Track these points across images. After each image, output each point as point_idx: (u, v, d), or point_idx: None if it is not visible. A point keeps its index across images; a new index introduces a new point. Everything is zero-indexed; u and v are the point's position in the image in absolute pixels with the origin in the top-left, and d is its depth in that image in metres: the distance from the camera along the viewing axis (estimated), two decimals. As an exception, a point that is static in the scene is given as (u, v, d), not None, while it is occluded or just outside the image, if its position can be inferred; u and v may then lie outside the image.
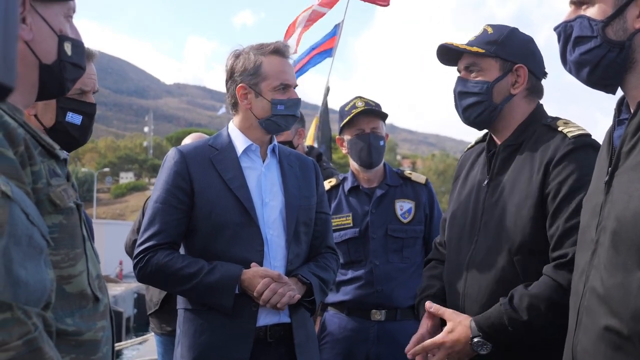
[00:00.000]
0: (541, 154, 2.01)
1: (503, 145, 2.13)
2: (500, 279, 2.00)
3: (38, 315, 1.02)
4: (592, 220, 1.48)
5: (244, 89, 2.45)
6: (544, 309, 1.86)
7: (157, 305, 3.94)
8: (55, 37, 1.35)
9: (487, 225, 2.08)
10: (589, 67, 1.50)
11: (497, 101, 2.12)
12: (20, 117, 1.26)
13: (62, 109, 2.02)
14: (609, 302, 1.36)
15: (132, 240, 4.23)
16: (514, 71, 2.12)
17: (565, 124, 2.06)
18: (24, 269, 0.99)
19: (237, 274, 2.28)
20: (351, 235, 3.20)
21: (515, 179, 2.05)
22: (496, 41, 2.12)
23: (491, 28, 2.18)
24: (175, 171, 2.39)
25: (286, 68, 2.46)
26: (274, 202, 2.43)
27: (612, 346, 1.35)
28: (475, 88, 2.12)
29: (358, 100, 3.28)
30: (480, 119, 2.14)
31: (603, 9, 1.47)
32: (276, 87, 2.42)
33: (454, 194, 2.33)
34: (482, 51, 2.11)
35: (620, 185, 1.40)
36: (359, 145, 3.21)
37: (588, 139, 1.99)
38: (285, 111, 2.43)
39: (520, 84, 2.12)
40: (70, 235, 1.28)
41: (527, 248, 1.97)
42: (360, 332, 3.13)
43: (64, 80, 1.40)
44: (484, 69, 2.13)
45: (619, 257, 1.35)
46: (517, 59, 2.12)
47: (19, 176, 1.12)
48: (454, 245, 2.23)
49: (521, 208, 1.99)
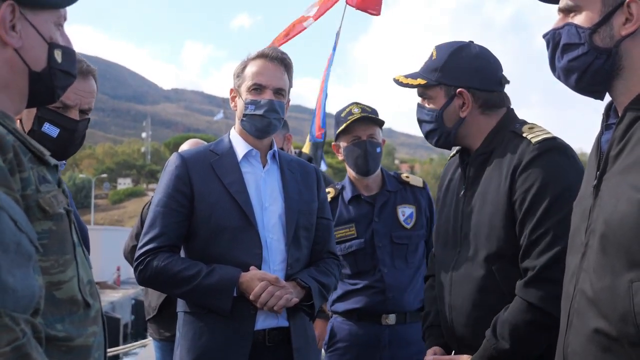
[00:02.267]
0: (508, 161, 2.01)
1: (474, 155, 2.13)
2: (482, 289, 2.01)
3: (26, 322, 1.02)
4: (582, 224, 1.49)
5: (232, 92, 2.53)
6: (524, 333, 1.87)
7: (155, 311, 3.95)
8: (45, 45, 1.35)
9: (467, 236, 2.09)
10: (577, 74, 1.51)
11: (450, 126, 2.13)
12: (10, 123, 1.26)
13: (39, 118, 2.01)
14: (598, 304, 1.37)
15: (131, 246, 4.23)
16: (459, 95, 2.11)
17: (530, 129, 2.04)
18: (12, 276, 0.99)
19: (235, 277, 2.29)
20: (357, 246, 3.18)
21: (487, 188, 2.05)
22: (437, 68, 2.13)
23: (436, 51, 2.17)
24: (176, 175, 2.41)
25: (264, 70, 2.46)
26: (273, 207, 2.45)
27: (601, 348, 1.36)
28: (428, 116, 2.17)
29: (354, 106, 3.26)
30: (440, 143, 2.19)
31: (590, 16, 1.49)
32: (250, 87, 2.45)
33: (438, 203, 2.34)
34: (424, 82, 2.14)
35: (608, 189, 1.41)
36: (355, 152, 3.19)
37: (551, 142, 1.97)
38: (255, 111, 2.43)
39: (467, 106, 2.11)
40: (60, 242, 1.28)
41: (504, 256, 1.97)
42: (372, 337, 3.13)
43: (54, 88, 1.40)
44: (432, 97, 2.15)
45: (607, 260, 1.36)
46: (459, 82, 2.11)
47: (7, 183, 1.12)
48: (440, 256, 2.24)
49: (493, 217, 1.99)
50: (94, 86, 2.15)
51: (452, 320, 2.10)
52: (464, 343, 2.07)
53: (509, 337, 1.88)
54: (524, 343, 1.88)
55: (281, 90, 2.47)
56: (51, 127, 2.02)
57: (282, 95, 2.48)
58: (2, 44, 1.27)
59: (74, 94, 2.03)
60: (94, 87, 2.15)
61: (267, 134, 2.48)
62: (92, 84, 2.13)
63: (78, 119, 2.08)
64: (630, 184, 1.34)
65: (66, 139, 2.05)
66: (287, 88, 2.51)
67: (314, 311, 2.44)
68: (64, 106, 2.04)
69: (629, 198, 1.32)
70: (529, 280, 1.87)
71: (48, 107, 2.00)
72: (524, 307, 1.87)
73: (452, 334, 2.12)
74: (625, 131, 1.42)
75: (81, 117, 2.10)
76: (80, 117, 2.09)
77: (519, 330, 1.87)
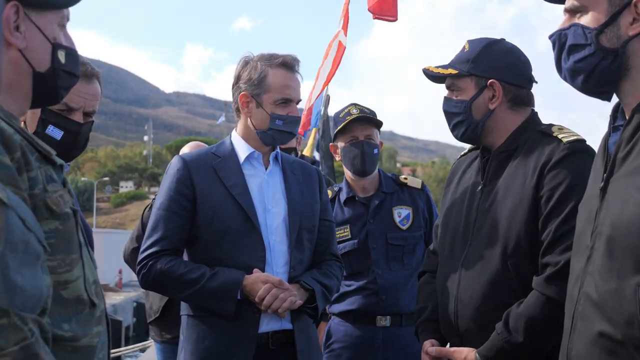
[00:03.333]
0: (536, 158, 2.02)
1: (497, 151, 2.14)
2: (494, 282, 2.01)
3: (34, 321, 1.02)
4: (588, 226, 1.48)
5: (246, 97, 2.46)
6: (540, 327, 1.88)
7: (157, 313, 3.94)
8: (49, 45, 1.35)
9: (480, 229, 2.09)
10: (584, 75, 1.50)
11: (478, 118, 2.14)
12: (16, 123, 1.26)
13: (43, 120, 2.00)
14: (604, 307, 1.36)
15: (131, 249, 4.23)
16: (489, 86, 2.13)
17: (560, 129, 2.07)
18: (21, 275, 0.99)
19: (239, 280, 2.29)
20: (350, 247, 3.17)
21: (509, 183, 2.06)
22: (469, 59, 2.15)
23: (468, 45, 2.20)
24: (177, 178, 2.40)
25: (290, 82, 2.44)
26: (276, 209, 2.44)
27: (606, 351, 1.36)
28: (456, 108, 2.17)
29: (353, 107, 3.26)
30: (466, 136, 2.18)
31: (596, 16, 1.48)
32: (277, 100, 2.42)
33: (445, 200, 2.34)
34: (455, 72, 2.15)
35: (615, 191, 1.40)
36: (352, 152, 3.19)
37: (583, 145, 2.00)
38: (283, 127, 2.43)
39: (497, 98, 2.13)
40: (67, 241, 1.28)
41: (522, 251, 1.97)
42: (367, 338, 3.12)
43: (58, 88, 1.40)
44: (461, 88, 2.16)
45: (613, 263, 1.35)
46: (491, 74, 2.13)
47: (15, 182, 1.12)
48: (447, 251, 2.23)
49: (515, 212, 2.00)
50: (98, 89, 2.14)
51: (456, 313, 2.10)
52: (468, 337, 2.07)
53: (524, 331, 1.89)
54: (538, 337, 1.88)
55: (300, 102, 2.50)
56: (55, 130, 2.01)
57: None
58: (7, 45, 1.27)
59: (78, 96, 2.02)
60: (99, 89, 2.14)
61: (282, 144, 2.50)
62: (96, 87, 2.12)
63: (82, 121, 2.07)
64: (638, 187, 1.33)
65: (70, 141, 2.04)
66: None
67: (318, 314, 2.44)
68: (68, 109, 2.03)
69: (636, 201, 1.32)
70: (550, 276, 1.88)
71: (52, 110, 1.99)
72: (541, 302, 1.87)
73: (455, 328, 2.12)
74: (633, 133, 1.41)
75: (85, 120, 2.09)
76: (84, 119, 2.08)
77: (535, 324, 1.88)
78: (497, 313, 1.97)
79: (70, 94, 1.97)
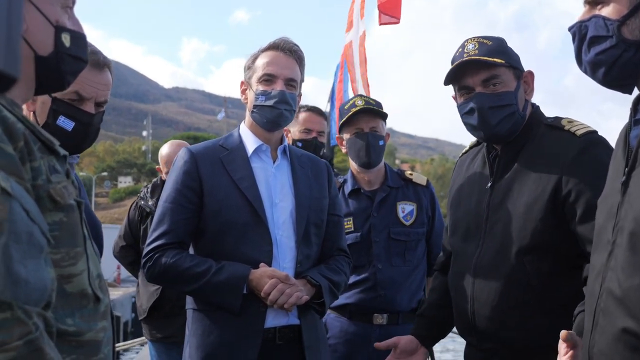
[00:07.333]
0: (550, 153, 1.99)
1: (506, 147, 2.11)
2: (511, 280, 1.98)
3: (39, 315, 0.98)
4: (609, 221, 1.45)
5: (243, 84, 2.49)
6: None
7: (145, 313, 3.95)
8: (52, 28, 1.30)
9: (493, 227, 2.06)
10: (605, 67, 1.47)
11: (521, 109, 2.10)
12: (19, 111, 1.21)
13: (54, 111, 1.95)
14: (627, 303, 1.33)
15: (120, 246, 4.21)
16: (523, 77, 2.11)
17: (570, 122, 2.04)
18: (24, 267, 0.95)
19: (245, 274, 2.25)
20: (352, 240, 3.14)
21: (522, 179, 2.02)
22: (501, 51, 2.09)
23: (487, 40, 2.13)
24: (184, 171, 2.37)
25: (275, 60, 2.41)
26: (284, 203, 2.40)
27: (629, 348, 1.33)
28: (505, 100, 2.06)
29: (358, 99, 3.24)
30: (512, 130, 2.08)
31: (618, 8, 1.45)
32: (260, 77, 2.41)
33: (452, 199, 2.30)
34: (501, 61, 2.06)
35: (637, 185, 1.37)
36: (357, 144, 3.16)
37: (596, 136, 1.98)
38: (266, 102, 2.39)
39: (530, 89, 2.11)
40: (71, 234, 1.23)
41: (539, 248, 1.94)
42: (362, 336, 3.09)
43: (63, 73, 1.35)
44: (502, 80, 2.08)
45: (636, 258, 1.32)
46: (519, 65, 2.12)
47: (18, 172, 1.07)
48: (459, 251, 2.20)
49: (531, 208, 1.96)
50: (109, 79, 2.09)
51: (473, 312, 2.06)
52: (486, 336, 2.04)
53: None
54: None
55: (292, 81, 2.43)
56: (66, 121, 1.96)
57: (293, 86, 2.43)
58: None
59: (90, 86, 1.98)
60: (110, 79, 2.09)
61: (278, 125, 2.43)
62: (108, 77, 2.08)
63: (93, 112, 2.02)
64: None
65: (81, 132, 2.00)
66: (298, 80, 2.46)
67: (325, 309, 2.40)
68: (79, 98, 1.98)
69: None
70: None
71: (63, 100, 1.95)
72: None
73: (472, 327, 2.08)
74: None
75: (96, 110, 2.04)
76: (96, 109, 2.04)
77: None
78: (514, 311, 1.95)
79: (82, 84, 1.93)
